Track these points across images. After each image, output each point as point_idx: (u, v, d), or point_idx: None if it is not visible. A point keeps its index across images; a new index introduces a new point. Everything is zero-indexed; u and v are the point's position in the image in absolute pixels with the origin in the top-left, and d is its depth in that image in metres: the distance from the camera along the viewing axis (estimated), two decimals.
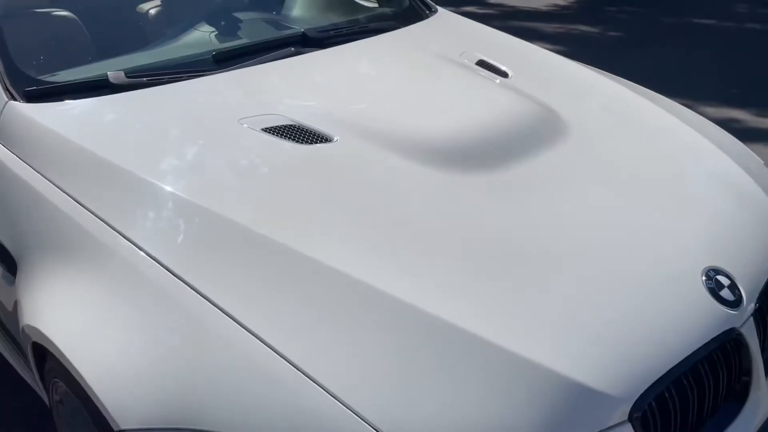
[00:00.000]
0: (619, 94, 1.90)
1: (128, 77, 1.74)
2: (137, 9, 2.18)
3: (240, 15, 2.25)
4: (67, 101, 1.66)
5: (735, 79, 4.52)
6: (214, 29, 2.11)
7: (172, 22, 2.18)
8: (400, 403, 1.07)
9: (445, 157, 1.48)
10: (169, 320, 1.20)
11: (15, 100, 1.66)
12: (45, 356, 1.43)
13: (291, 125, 1.57)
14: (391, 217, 1.35)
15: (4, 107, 1.65)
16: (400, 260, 1.26)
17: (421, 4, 2.40)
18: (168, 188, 1.39)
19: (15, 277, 1.52)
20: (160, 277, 1.24)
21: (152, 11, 2.17)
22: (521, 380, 1.10)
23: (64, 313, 1.30)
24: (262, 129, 1.56)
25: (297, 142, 1.53)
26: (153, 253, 1.27)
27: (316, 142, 1.52)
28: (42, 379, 1.52)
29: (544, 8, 6.40)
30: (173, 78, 1.76)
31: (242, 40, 2.05)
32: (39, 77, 1.76)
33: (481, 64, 1.98)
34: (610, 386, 1.12)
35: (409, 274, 1.23)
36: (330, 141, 1.53)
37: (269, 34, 2.15)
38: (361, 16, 2.25)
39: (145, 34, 2.14)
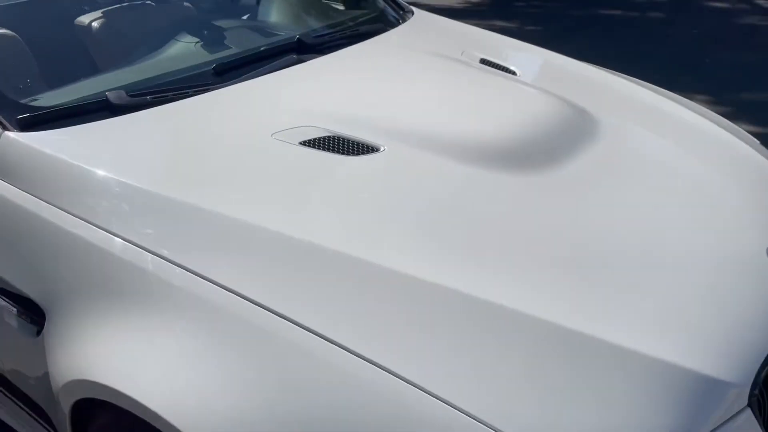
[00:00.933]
0: (624, 87, 1.93)
1: (130, 96, 1.59)
2: (76, 21, 2.00)
3: (218, 23, 2.12)
4: (70, 127, 1.49)
5: (652, 66, 4.76)
6: (198, 40, 1.97)
7: (142, 33, 2.02)
8: (536, 417, 1.03)
9: (501, 159, 1.44)
10: (265, 358, 1.09)
11: (8, 130, 1.48)
12: (90, 415, 1.28)
13: (329, 136, 1.48)
14: (470, 225, 1.29)
15: None
16: (495, 269, 1.21)
17: (397, 6, 2.36)
18: (226, 213, 1.27)
19: (40, 329, 1.35)
20: (244, 311, 1.13)
21: (98, 24, 1.99)
22: (647, 378, 1.08)
23: (132, 362, 1.16)
24: (300, 143, 1.47)
25: (341, 153, 1.44)
26: (232, 287, 1.15)
27: (363, 153, 1.45)
28: None
29: (458, 5, 6.50)
30: (178, 95, 1.63)
31: (231, 50, 1.93)
32: (27, 103, 1.58)
33: (484, 62, 1.97)
34: (728, 373, 1.12)
35: (509, 282, 1.18)
36: (378, 150, 1.45)
37: (257, 42, 2.03)
38: (347, 20, 2.17)
39: (113, 49, 1.97)
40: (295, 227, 1.25)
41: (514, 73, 1.90)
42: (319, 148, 1.45)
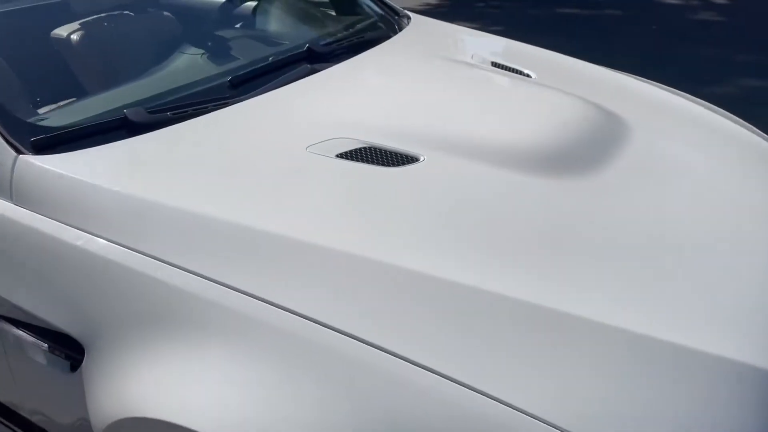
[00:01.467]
0: (637, 86, 1.95)
1: (149, 113, 1.52)
2: (52, 34, 1.90)
3: (219, 33, 2.06)
4: (91, 148, 1.41)
5: (618, 63, 4.84)
6: (202, 51, 1.90)
7: (144, 46, 1.94)
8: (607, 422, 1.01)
9: (542, 164, 1.42)
10: (335, 380, 1.04)
11: (22, 153, 1.39)
12: None
13: (365, 148, 1.44)
14: (521, 232, 1.27)
15: (14, 164, 1.37)
16: (554, 274, 1.18)
17: (393, 11, 2.34)
18: (276, 232, 1.21)
19: (76, 364, 1.27)
20: (310, 333, 1.08)
21: (93, 37, 1.89)
22: (730, 382, 1.08)
23: (197, 395, 1.09)
24: (336, 155, 1.42)
25: (381, 165, 1.40)
26: (295, 309, 1.10)
27: (403, 163, 1.41)
28: None
29: (419, 7, 6.51)
30: (198, 110, 1.56)
31: (239, 61, 1.86)
32: (36, 123, 1.49)
33: (495, 65, 1.95)
34: None
35: (568, 287, 1.16)
36: (417, 160, 1.42)
37: (262, 51, 1.97)
38: (348, 26, 2.13)
39: (114, 63, 1.89)
40: (352, 244, 1.20)
41: (528, 75, 1.89)
42: (357, 160, 1.41)
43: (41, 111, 1.58)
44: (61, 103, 1.63)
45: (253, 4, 2.23)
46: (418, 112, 1.60)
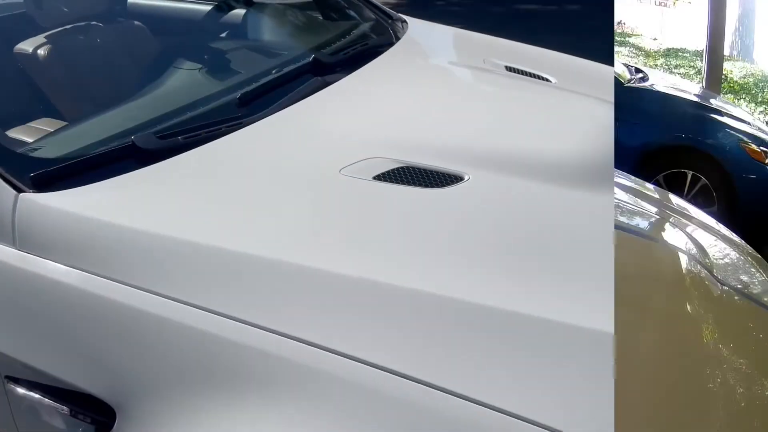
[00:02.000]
0: None
1: (160, 139, 1.37)
2: (16, 49, 1.74)
3: (213, 46, 1.91)
4: (103, 180, 1.26)
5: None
6: (200, 66, 1.76)
7: (135, 62, 1.78)
8: None
9: (591, 178, 1.34)
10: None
11: (23, 192, 1.23)
12: None
13: (404, 167, 1.33)
14: (583, 251, 1.18)
15: (15, 204, 1.21)
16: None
17: (386, 15, 2.23)
18: (325, 269, 1.08)
19: (103, 429, 1.13)
20: (372, 380, 0.96)
21: (44, 52, 1.72)
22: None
23: None
24: (374, 177, 1.30)
25: (424, 186, 1.29)
26: (360, 357, 0.98)
27: (447, 184, 1.30)
28: None
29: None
30: (211, 133, 1.42)
31: (240, 75, 1.72)
32: (28, 153, 1.34)
33: (510, 70, 1.86)
34: None
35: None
36: (462, 179, 1.31)
37: (262, 64, 1.83)
38: (345, 34, 2.00)
39: (107, 83, 1.72)
40: (413, 279, 1.09)
41: (547, 80, 1.81)
42: (397, 182, 1.29)
43: (32, 140, 1.42)
44: (52, 130, 1.47)
45: (242, 12, 2.09)
46: (447, 125, 1.49)
